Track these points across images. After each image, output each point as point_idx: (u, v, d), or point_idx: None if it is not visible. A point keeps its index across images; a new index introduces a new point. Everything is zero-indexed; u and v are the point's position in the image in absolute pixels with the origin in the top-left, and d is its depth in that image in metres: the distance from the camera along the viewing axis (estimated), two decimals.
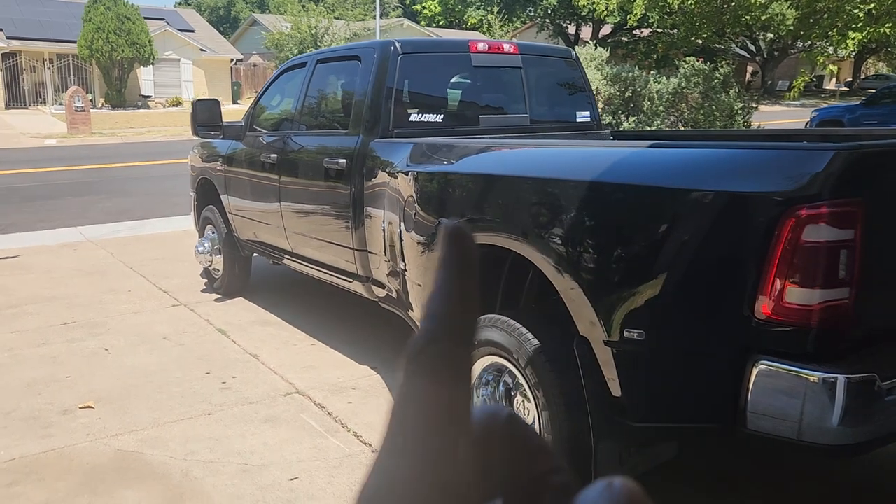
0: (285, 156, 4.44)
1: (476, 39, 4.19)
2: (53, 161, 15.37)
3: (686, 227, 2.05)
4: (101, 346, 4.46)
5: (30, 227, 8.41)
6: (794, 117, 24.96)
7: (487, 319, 2.71)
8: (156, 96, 32.08)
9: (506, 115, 4.23)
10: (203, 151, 5.71)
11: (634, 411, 2.25)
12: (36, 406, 3.59)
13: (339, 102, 4.36)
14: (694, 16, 16.75)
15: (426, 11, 55.98)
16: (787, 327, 1.90)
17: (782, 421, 1.95)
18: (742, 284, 1.94)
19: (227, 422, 3.43)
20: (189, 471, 2.98)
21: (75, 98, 21.52)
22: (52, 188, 11.63)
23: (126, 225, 8.50)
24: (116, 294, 5.63)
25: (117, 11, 28.26)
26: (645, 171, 2.21)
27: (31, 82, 30.69)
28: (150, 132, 22.75)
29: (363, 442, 3.25)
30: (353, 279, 3.96)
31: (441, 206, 3.04)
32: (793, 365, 1.90)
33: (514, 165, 2.73)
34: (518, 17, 43.91)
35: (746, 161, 2.02)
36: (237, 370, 4.10)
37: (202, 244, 5.66)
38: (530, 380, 2.49)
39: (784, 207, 1.84)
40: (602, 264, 2.23)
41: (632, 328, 2.15)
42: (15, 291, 5.66)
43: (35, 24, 30.99)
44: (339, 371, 4.09)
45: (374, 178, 3.60)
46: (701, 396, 2.13)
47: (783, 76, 42.74)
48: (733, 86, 13.02)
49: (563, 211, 2.34)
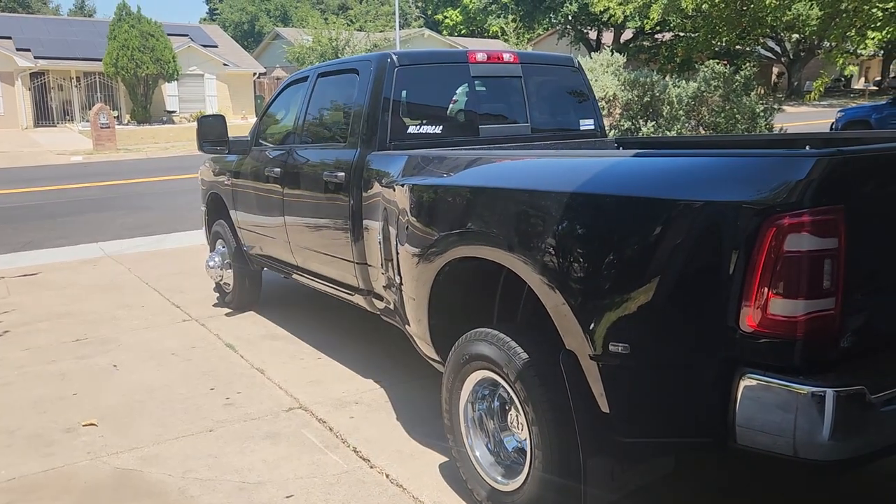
0: (288, 170, 4.46)
1: (475, 50, 4.16)
2: (78, 178, 15.65)
3: (669, 238, 2.00)
4: (110, 363, 4.50)
5: (50, 243, 8.55)
6: (820, 118, 24.57)
7: (478, 333, 2.68)
8: (180, 111, 32.55)
9: (506, 125, 4.19)
10: (213, 166, 5.76)
11: (623, 427, 2.20)
12: (40, 424, 3.62)
13: (338, 115, 4.36)
14: (713, 18, 16.53)
15: (448, 21, 56.20)
16: (773, 339, 1.84)
17: (772, 435, 1.88)
18: (726, 296, 1.89)
19: (228, 438, 3.43)
20: (186, 489, 2.98)
21: (100, 115, 21.94)
22: (74, 205, 11.83)
23: (145, 240, 8.61)
24: (130, 310, 5.69)
25: (141, 29, 28.77)
26: (627, 180, 2.16)
27: (59, 100, 31.34)
28: (173, 147, 23.10)
29: (362, 458, 3.22)
30: (354, 292, 3.95)
31: (434, 219, 3.01)
32: (780, 378, 1.84)
33: (499, 177, 2.70)
34: (539, 25, 43.87)
35: (728, 169, 1.96)
36: (242, 385, 4.11)
37: (213, 259, 5.70)
38: (520, 394, 2.45)
39: (765, 216, 1.79)
40: (586, 276, 2.19)
41: (617, 342, 2.10)
42: (30, 309, 5.75)
43: (62, 43, 31.66)
44: (344, 385, 4.07)
45: (371, 191, 3.58)
46: (689, 411, 2.07)
47: (811, 77, 42.05)
48: (755, 88, 12.82)
49: (546, 223, 2.30)
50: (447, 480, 3.00)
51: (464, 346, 2.73)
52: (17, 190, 13.93)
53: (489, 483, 2.69)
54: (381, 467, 3.13)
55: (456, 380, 2.81)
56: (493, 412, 2.79)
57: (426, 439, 3.37)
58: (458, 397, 2.82)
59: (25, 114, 29.94)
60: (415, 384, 4.01)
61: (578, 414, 2.26)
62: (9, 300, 6.05)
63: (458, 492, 2.89)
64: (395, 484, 3.00)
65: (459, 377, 2.79)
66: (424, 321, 3.08)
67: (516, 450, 2.70)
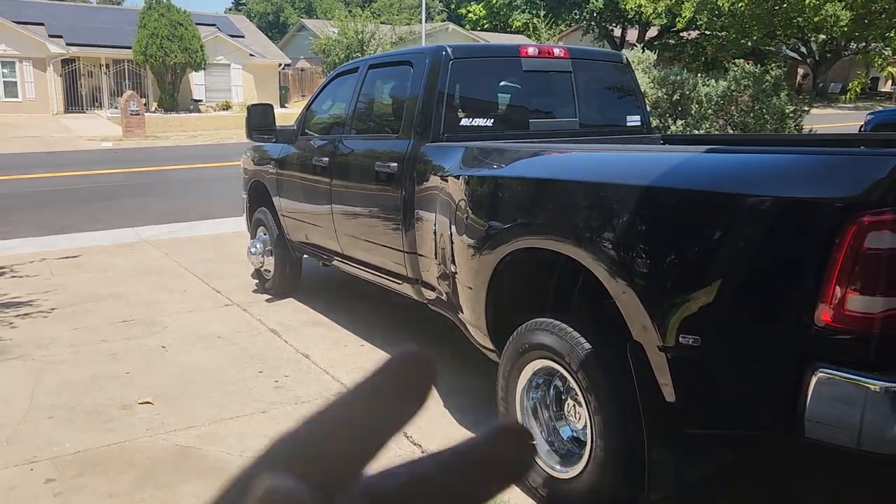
0: (337, 159, 4.52)
1: (526, 44, 4.20)
2: (109, 163, 15.85)
3: (743, 233, 2.04)
4: (159, 344, 4.60)
5: (87, 227, 8.70)
6: (848, 120, 24.30)
7: (538, 323, 2.73)
8: (206, 100, 32.80)
9: (555, 119, 4.23)
10: (255, 155, 5.84)
11: (689, 418, 2.24)
12: (98, 401, 3.72)
13: (390, 107, 4.42)
14: (744, 17, 16.41)
15: (471, 15, 56.09)
16: (848, 335, 1.87)
17: (841, 430, 1.92)
18: (801, 291, 1.92)
19: (282, 419, 3.51)
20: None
21: (130, 102, 22.17)
22: (108, 190, 12.01)
23: (179, 226, 8.73)
24: (172, 293, 5.80)
25: (171, 18, 28.99)
26: (702, 175, 2.20)
27: (89, 87, 31.69)
28: (201, 135, 23.30)
29: (413, 442, 3.29)
30: (402, 281, 4.01)
31: (492, 210, 3.06)
32: (853, 373, 1.88)
33: (566, 169, 2.75)
34: (564, 20, 43.70)
35: (806, 166, 1.99)
36: (289, 369, 4.19)
37: (254, 245, 5.79)
38: (582, 384, 2.50)
39: (846, 214, 1.82)
40: (657, 269, 2.23)
41: (687, 334, 2.14)
42: (75, 290, 5.87)
43: (92, 30, 31.99)
44: None
45: (426, 182, 3.64)
46: (757, 404, 2.11)
47: (835, 78, 41.63)
48: (784, 88, 12.73)
49: (617, 215, 2.34)
50: None
51: (523, 336, 2.78)
52: (52, 174, 14.14)
53: (545, 470, 2.74)
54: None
55: (513, 368, 2.86)
56: (549, 401, 2.84)
57: (475, 427, 3.42)
58: (515, 385, 2.87)
59: (56, 99, 30.30)
60: (460, 372, 4.07)
61: (643, 404, 2.30)
62: (53, 281, 6.17)
63: None
64: None
65: (517, 366, 2.84)
66: (480, 311, 3.13)
67: (571, 438, 2.75)
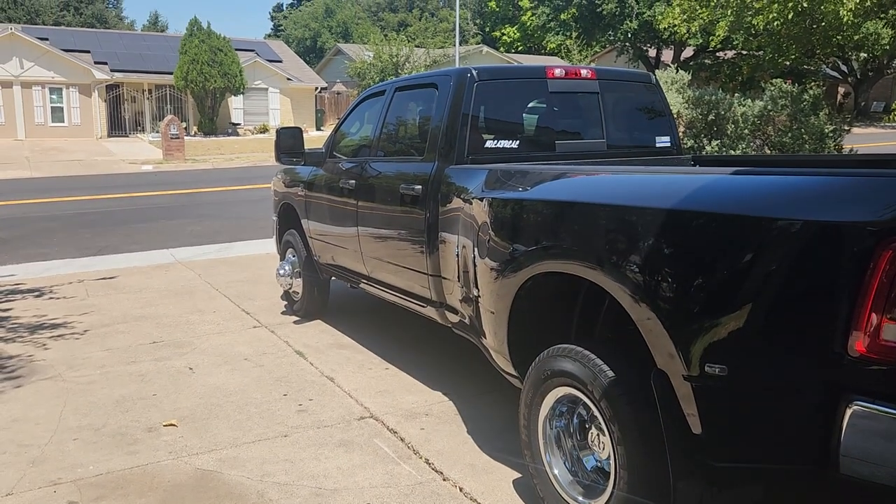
0: (363, 181, 4.52)
1: (553, 65, 4.16)
2: (149, 186, 16.19)
3: (772, 258, 1.96)
4: (187, 366, 4.62)
5: (125, 248, 8.86)
6: (891, 140, 23.72)
7: (561, 349, 2.66)
8: (245, 124, 33.43)
9: (582, 141, 4.18)
10: (285, 177, 5.88)
11: (716, 450, 2.15)
12: (124, 423, 3.74)
13: (416, 129, 4.41)
14: (781, 37, 16.16)
15: (505, 38, 56.36)
16: (884, 366, 1.77)
17: (879, 466, 1.81)
18: (833, 319, 1.83)
19: (303, 444, 3.48)
20: (265, 492, 3.03)
21: (171, 126, 22.67)
22: (146, 212, 12.24)
23: (213, 248, 8.84)
24: (202, 314, 5.84)
25: (211, 44, 29.70)
26: (729, 198, 2.12)
27: (132, 111, 32.57)
28: (238, 158, 23.68)
29: (434, 469, 3.23)
30: (426, 304, 3.97)
31: (515, 233, 3.01)
32: (891, 407, 1.78)
33: (589, 192, 2.68)
34: (598, 42, 43.64)
35: (837, 189, 1.91)
36: (314, 392, 4.16)
37: (283, 267, 5.81)
38: (605, 413, 2.42)
39: (880, 238, 1.73)
40: (682, 295, 2.15)
41: (713, 363, 2.05)
42: (108, 311, 5.95)
43: (136, 57, 32.94)
44: (413, 396, 4.09)
45: (449, 204, 3.61)
46: (788, 437, 2.01)
47: (878, 97, 40.76)
48: (823, 108, 12.47)
49: (641, 239, 2.27)
50: (522, 496, 2.98)
51: (545, 362, 2.72)
52: (93, 197, 14.49)
53: (569, 501, 2.65)
54: (455, 480, 3.13)
55: (535, 395, 2.79)
56: (572, 430, 2.76)
57: (498, 454, 3.35)
58: (538, 413, 2.80)
59: (100, 124, 31.17)
60: (483, 398, 4.01)
61: (668, 435, 2.21)
62: (88, 302, 6.27)
63: None
64: (469, 498, 2.99)
65: (539, 393, 2.77)
66: (503, 335, 3.07)
67: (595, 469, 2.66)
